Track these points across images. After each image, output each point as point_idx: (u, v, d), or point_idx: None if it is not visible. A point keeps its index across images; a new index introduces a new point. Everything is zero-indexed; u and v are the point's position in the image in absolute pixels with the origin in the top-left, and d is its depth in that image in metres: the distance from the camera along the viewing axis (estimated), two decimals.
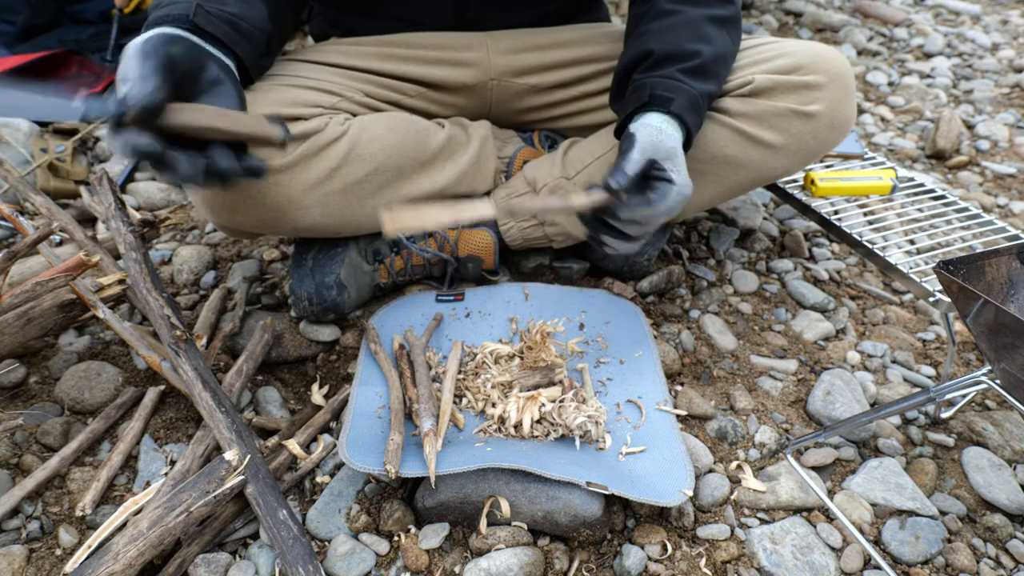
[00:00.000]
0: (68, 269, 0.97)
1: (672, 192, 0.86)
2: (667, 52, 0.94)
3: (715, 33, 0.97)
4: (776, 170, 1.06)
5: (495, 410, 0.92)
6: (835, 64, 1.03)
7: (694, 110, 0.92)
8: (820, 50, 1.04)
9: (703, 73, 0.94)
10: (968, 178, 1.65)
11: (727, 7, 1.00)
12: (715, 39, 0.97)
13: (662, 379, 0.99)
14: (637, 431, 0.92)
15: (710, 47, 0.95)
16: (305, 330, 1.08)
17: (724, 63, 0.99)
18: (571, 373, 1.00)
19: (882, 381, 1.08)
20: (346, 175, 0.96)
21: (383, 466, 0.80)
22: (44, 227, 0.98)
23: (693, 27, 0.96)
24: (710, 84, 0.95)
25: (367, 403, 0.93)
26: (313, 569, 0.74)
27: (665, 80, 0.92)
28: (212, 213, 0.94)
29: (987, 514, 0.88)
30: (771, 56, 1.04)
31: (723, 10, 0.99)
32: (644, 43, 0.97)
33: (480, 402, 0.95)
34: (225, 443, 0.83)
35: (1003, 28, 2.45)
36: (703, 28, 0.96)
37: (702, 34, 0.96)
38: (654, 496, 0.81)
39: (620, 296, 1.14)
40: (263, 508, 0.78)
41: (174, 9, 0.79)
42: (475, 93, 1.15)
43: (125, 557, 0.69)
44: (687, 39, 0.95)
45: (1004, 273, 0.79)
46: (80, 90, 1.76)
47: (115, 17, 2.02)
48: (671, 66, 0.93)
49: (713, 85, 0.96)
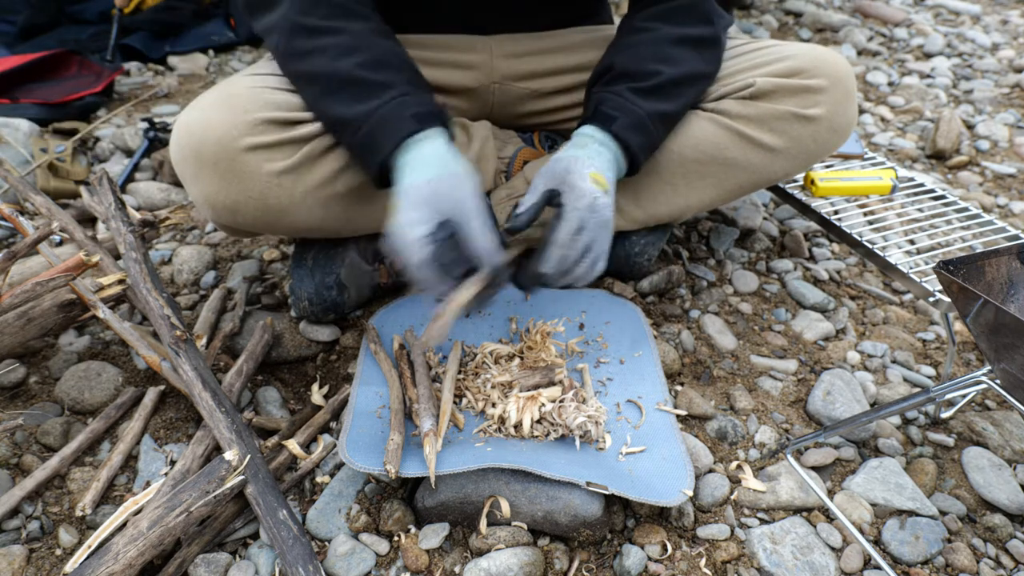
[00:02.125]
0: (68, 269, 0.97)
1: (569, 220, 0.86)
2: (625, 69, 0.95)
3: (683, 54, 0.97)
4: (776, 173, 1.06)
5: (495, 410, 0.92)
6: (837, 68, 1.02)
7: (638, 130, 0.92)
8: (822, 53, 1.03)
9: (658, 93, 0.94)
10: (968, 178, 1.65)
11: (705, 27, 0.99)
12: (681, 60, 0.96)
13: (662, 379, 0.99)
14: (637, 431, 0.92)
15: (672, 68, 0.95)
16: (305, 330, 1.08)
17: (691, 84, 0.99)
18: (571, 373, 1.00)
19: (882, 381, 1.08)
20: (348, 179, 0.95)
21: (383, 466, 0.80)
22: (44, 227, 0.98)
23: (658, 46, 0.97)
24: (667, 104, 0.95)
25: (367, 403, 0.93)
26: (313, 569, 0.74)
27: (614, 97, 0.93)
28: (214, 213, 0.94)
29: (987, 514, 0.88)
30: (772, 59, 1.04)
31: (699, 30, 0.98)
32: (608, 57, 0.98)
33: (480, 402, 0.95)
34: (225, 443, 0.83)
35: (1003, 28, 2.45)
36: (669, 48, 0.97)
37: (666, 55, 0.96)
38: (654, 496, 0.81)
39: (620, 296, 1.14)
40: (263, 508, 0.78)
41: (409, 105, 0.84)
42: (477, 96, 1.15)
43: (125, 557, 0.69)
44: (648, 58, 0.96)
45: (1004, 273, 0.79)
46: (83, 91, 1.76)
47: (115, 17, 2.02)
48: (624, 83, 0.94)
49: (671, 105, 0.96)
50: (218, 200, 0.91)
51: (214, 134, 0.87)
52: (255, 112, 0.89)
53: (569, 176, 0.88)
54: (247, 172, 0.89)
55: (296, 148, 0.91)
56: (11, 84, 1.74)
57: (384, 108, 0.84)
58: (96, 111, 1.80)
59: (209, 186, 0.90)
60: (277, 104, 0.91)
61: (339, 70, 0.86)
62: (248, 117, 0.88)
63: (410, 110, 0.84)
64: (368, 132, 0.84)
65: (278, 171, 0.90)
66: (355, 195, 0.97)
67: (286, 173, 0.91)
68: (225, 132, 0.87)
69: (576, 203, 0.87)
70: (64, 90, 1.76)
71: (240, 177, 0.89)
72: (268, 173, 0.89)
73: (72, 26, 2.17)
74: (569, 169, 0.89)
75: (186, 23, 2.23)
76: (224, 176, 0.89)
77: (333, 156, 0.94)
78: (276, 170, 0.90)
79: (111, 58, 2.00)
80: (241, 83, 0.93)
